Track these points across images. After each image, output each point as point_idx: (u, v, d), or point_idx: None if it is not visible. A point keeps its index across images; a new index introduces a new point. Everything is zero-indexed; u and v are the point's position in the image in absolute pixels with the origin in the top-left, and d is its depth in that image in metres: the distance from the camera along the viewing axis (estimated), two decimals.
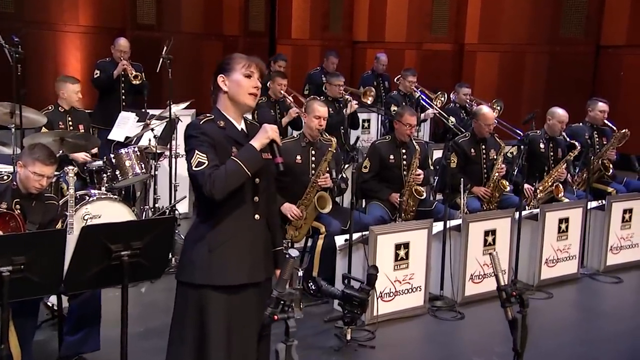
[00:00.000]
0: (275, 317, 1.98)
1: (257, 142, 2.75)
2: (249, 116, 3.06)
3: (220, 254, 2.78)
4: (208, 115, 2.88)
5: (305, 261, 5.15)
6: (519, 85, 11.34)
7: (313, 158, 5.07)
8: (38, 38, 10.61)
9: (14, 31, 9.37)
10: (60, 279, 3.27)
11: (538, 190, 6.37)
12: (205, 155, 2.70)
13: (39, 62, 10.37)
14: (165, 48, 5.67)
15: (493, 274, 5.14)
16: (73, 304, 3.76)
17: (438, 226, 5.09)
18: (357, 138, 5.14)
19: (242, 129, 2.88)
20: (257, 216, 2.85)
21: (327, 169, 4.93)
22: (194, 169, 2.70)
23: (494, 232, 5.25)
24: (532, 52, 11.19)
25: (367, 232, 4.61)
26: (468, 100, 8.10)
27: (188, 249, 2.84)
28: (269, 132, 2.76)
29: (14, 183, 3.69)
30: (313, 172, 5.02)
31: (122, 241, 3.27)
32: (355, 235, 4.69)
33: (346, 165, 5.95)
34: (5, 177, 3.71)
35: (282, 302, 2.02)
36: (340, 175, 4.93)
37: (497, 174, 6.05)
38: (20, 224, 3.60)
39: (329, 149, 4.97)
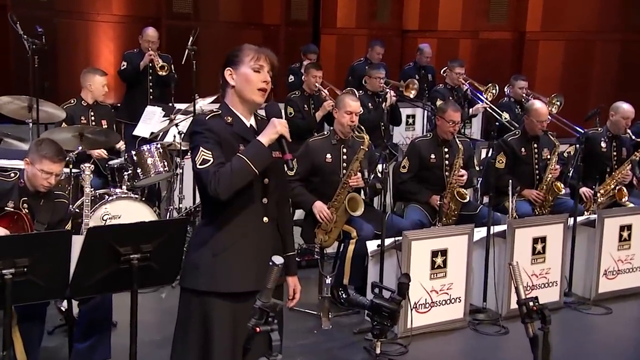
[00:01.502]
0: (257, 329, 1.97)
1: (265, 138, 2.75)
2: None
3: (225, 258, 2.78)
4: (215, 110, 2.89)
5: (334, 268, 5.14)
6: (586, 78, 11.05)
7: (344, 157, 5.05)
8: (69, 28, 10.86)
9: (45, 20, 9.68)
10: (66, 283, 3.33)
11: (599, 194, 6.21)
12: (210, 153, 2.71)
13: (70, 53, 10.62)
14: (191, 38, 5.73)
15: (542, 286, 5.14)
16: (83, 309, 3.83)
17: (482, 232, 5.01)
18: (391, 136, 5.08)
19: (251, 125, 2.89)
20: (265, 219, 2.85)
21: (359, 168, 4.90)
22: (198, 166, 2.72)
23: (543, 239, 5.14)
24: (602, 40, 10.89)
25: (400, 238, 4.56)
26: (524, 95, 7.93)
27: (191, 253, 2.86)
28: (277, 126, 2.76)
29: (21, 181, 3.78)
30: (344, 171, 5.00)
31: (131, 244, 3.32)
32: (389, 241, 4.65)
33: (385, 164, 5.92)
34: (12, 175, 3.79)
35: (266, 313, 2.00)
36: (372, 175, 4.89)
37: (550, 176, 5.92)
38: (27, 224, 3.69)
39: (361, 146, 4.94)
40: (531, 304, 2.38)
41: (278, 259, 2.12)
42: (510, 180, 5.56)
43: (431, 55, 9.21)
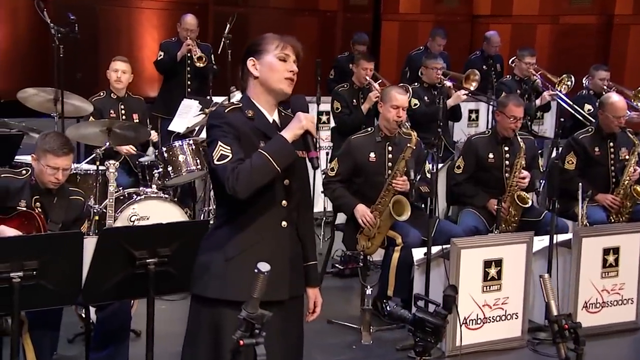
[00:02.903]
0: (241, 342, 1.98)
1: (289, 133, 2.77)
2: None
3: (238, 263, 2.81)
4: (235, 103, 2.94)
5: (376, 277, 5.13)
6: None
7: (390, 155, 5.03)
8: (111, 16, 11.13)
9: (86, 8, 9.93)
10: (78, 288, 3.42)
11: None
12: (229, 148, 2.75)
13: (111, 42, 10.88)
14: (228, 26, 5.80)
15: (614, 303, 5.00)
16: (100, 316, 3.92)
17: (544, 240, 4.92)
18: (439, 135, 5.02)
19: (273, 120, 2.92)
20: (284, 223, 2.87)
21: (405, 168, 4.87)
22: (215, 162, 2.76)
23: (616, 250, 5.01)
24: None
25: (448, 245, 4.52)
26: (605, 87, 7.73)
27: (203, 257, 2.90)
28: (303, 121, 2.78)
29: (32, 178, 3.89)
30: (389, 172, 4.98)
31: (148, 247, 3.39)
32: (436, 249, 4.61)
33: (440, 165, 5.88)
34: (24, 172, 3.91)
35: (251, 325, 2.01)
36: (419, 176, 4.85)
37: (628, 179, 5.76)
38: (40, 223, 3.80)
39: (408, 144, 4.91)
40: (563, 321, 2.33)
41: (264, 266, 2.13)
42: (580, 184, 5.43)
43: (499, 44, 9.06)
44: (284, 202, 2.87)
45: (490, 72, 8.70)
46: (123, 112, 6.13)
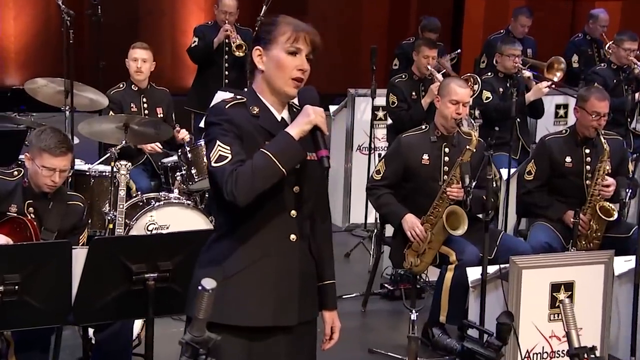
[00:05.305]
0: None
1: (295, 129, 2.76)
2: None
3: (238, 283, 2.81)
4: (239, 97, 2.94)
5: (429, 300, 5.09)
6: None
7: (446, 158, 5.01)
8: None
9: None
10: (67, 305, 3.50)
11: None
12: (228, 148, 2.77)
13: (154, 27, 11.15)
14: (264, 8, 5.83)
15: None
16: (98, 338, 4.00)
17: (632, 261, 4.78)
18: (494, 133, 4.93)
19: (282, 118, 2.91)
20: (293, 236, 2.87)
21: (461, 174, 4.81)
22: (213, 164, 2.78)
23: None
24: None
25: (507, 265, 4.45)
26: None
27: (199, 274, 2.90)
28: (311, 115, 2.77)
29: (25, 180, 3.99)
30: (445, 177, 4.96)
31: (147, 260, 3.45)
32: (493, 269, 4.54)
33: (513, 170, 5.79)
34: (16, 173, 4.01)
35: (195, 350, 2.01)
36: (474, 182, 4.78)
37: None
38: (32, 231, 3.89)
39: (467, 146, 4.86)
40: (585, 355, 2.26)
41: (209, 283, 2.13)
42: None
43: (608, 24, 8.85)
44: (293, 212, 2.87)
45: (594, 57, 8.54)
46: (145, 105, 6.20)
